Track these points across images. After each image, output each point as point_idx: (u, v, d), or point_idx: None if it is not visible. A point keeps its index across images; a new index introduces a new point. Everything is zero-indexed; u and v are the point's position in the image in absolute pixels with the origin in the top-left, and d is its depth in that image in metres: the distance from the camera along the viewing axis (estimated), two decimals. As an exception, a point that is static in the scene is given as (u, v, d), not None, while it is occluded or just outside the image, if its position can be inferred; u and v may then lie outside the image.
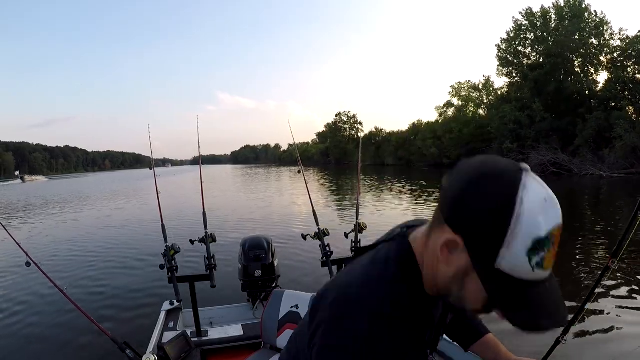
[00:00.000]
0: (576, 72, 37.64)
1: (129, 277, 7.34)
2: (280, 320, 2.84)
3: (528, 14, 41.21)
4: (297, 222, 12.53)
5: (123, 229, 13.07)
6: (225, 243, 8.06)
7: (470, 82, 56.42)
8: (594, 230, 9.81)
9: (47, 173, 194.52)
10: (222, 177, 54.09)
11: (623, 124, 27.24)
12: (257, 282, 3.75)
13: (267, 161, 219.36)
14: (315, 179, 38.30)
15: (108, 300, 6.17)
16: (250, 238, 3.91)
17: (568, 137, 32.39)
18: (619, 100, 31.81)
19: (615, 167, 26.38)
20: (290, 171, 61.04)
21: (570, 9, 37.73)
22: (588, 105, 34.30)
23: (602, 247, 8.15)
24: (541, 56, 39.64)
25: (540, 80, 37.63)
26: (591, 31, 36.61)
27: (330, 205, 16.91)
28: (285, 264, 6.83)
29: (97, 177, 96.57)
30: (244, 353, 3.02)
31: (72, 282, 7.11)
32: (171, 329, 3.31)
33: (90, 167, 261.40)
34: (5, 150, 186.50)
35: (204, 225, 3.71)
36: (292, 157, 78.48)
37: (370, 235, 2.40)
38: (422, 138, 56.05)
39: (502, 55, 43.59)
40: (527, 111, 36.51)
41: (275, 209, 16.68)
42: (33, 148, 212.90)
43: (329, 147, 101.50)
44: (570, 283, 6.03)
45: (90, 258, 9.04)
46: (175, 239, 3.47)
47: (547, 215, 0.67)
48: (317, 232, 3.83)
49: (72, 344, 4.64)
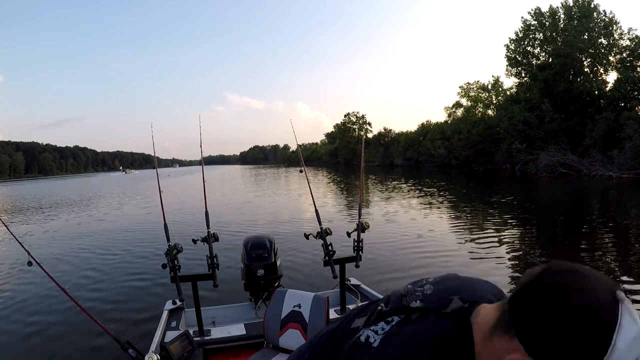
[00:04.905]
0: (585, 72, 37.33)
1: (132, 276, 7.35)
2: (282, 320, 2.85)
3: (537, 14, 40.95)
4: (299, 221, 12.54)
5: (125, 228, 13.11)
6: (228, 242, 8.08)
7: (479, 82, 56.16)
8: (603, 236, 9.72)
9: (57, 173, 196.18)
10: (230, 177, 54.24)
11: (633, 124, 26.91)
12: (260, 282, 3.75)
13: (276, 161, 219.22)
14: (322, 179, 38.33)
15: (110, 299, 6.18)
16: (252, 237, 3.91)
17: (577, 138, 32.12)
18: (628, 100, 31.48)
19: (624, 168, 26.09)
20: (298, 172, 61.02)
21: (579, 9, 37.42)
22: (597, 106, 33.98)
23: (612, 255, 8.05)
24: (550, 56, 39.35)
25: (549, 80, 37.35)
26: (600, 31, 36.28)
27: (334, 205, 16.91)
28: (288, 263, 6.86)
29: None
30: (247, 352, 3.02)
31: (75, 281, 7.13)
32: (173, 328, 3.32)
33: (100, 167, 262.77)
34: (16, 150, 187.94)
35: (206, 224, 3.71)
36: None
37: (371, 235, 2.40)
38: (430, 139, 55.83)
39: (511, 56, 43.32)
40: (536, 111, 36.25)
41: (278, 209, 16.71)
42: (43, 148, 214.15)
43: (337, 148, 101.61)
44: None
45: (93, 257, 9.08)
46: (177, 238, 3.47)
47: (632, 352, 0.63)
48: (320, 232, 3.83)
49: (74, 343, 4.65)
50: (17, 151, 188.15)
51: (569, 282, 0.68)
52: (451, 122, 56.37)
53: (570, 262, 0.72)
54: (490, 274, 6.37)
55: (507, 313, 0.73)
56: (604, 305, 0.64)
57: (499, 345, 0.73)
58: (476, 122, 48.37)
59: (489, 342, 0.76)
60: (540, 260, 7.46)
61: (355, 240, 3.77)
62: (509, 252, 7.97)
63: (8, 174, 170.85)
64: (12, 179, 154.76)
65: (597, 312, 0.63)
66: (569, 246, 8.60)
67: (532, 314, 0.68)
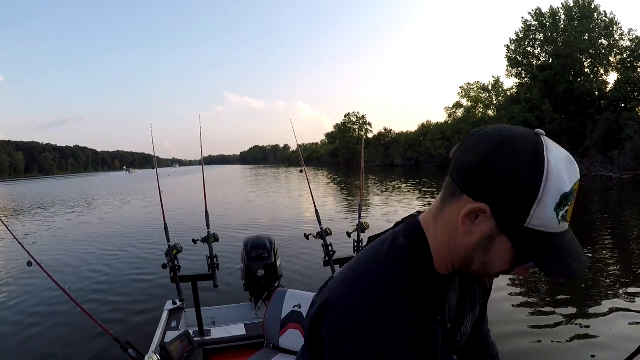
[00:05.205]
0: (586, 73, 37.29)
1: (132, 276, 7.35)
2: (282, 320, 2.85)
3: (537, 14, 40.93)
4: (300, 221, 12.53)
5: (126, 228, 13.15)
6: (228, 243, 8.09)
7: (480, 82, 56.30)
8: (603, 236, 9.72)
9: (57, 173, 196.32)
10: (231, 177, 54.28)
11: (633, 125, 26.89)
12: (260, 282, 3.75)
13: (276, 161, 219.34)
14: (322, 180, 38.32)
15: (110, 299, 6.17)
16: (252, 238, 3.91)
17: (577, 138, 32.08)
18: (629, 101, 31.44)
19: (625, 169, 26.09)
20: (298, 172, 61.05)
21: (580, 9, 37.41)
22: (598, 106, 33.93)
23: (612, 256, 8.05)
24: (550, 57, 39.30)
25: (549, 81, 37.31)
26: (601, 31, 36.27)
27: (334, 205, 16.92)
28: (288, 263, 6.85)
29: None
30: (247, 352, 3.02)
31: (75, 281, 7.13)
32: (174, 329, 3.31)
33: (100, 167, 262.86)
34: (16, 149, 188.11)
35: (206, 224, 3.71)
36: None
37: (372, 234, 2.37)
38: (431, 139, 55.90)
39: (512, 56, 43.29)
40: (537, 112, 36.21)
41: (278, 209, 16.71)
42: (43, 148, 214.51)
43: (338, 148, 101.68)
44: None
45: (93, 257, 9.08)
46: (177, 238, 3.47)
47: (569, 172, 0.71)
48: (320, 232, 3.83)
49: (74, 343, 4.65)
50: (17, 151, 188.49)
51: (490, 130, 0.76)
52: (451, 122, 56.47)
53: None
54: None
55: (449, 183, 0.79)
56: (528, 134, 0.73)
57: (450, 212, 0.79)
58: (476, 122, 48.33)
59: (438, 222, 0.83)
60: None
61: (356, 240, 3.76)
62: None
63: (8, 173, 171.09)
64: (12, 178, 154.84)
65: (524, 139, 0.71)
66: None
67: (472, 165, 0.74)
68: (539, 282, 6.21)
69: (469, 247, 0.79)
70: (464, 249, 0.80)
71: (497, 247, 0.76)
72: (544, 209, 0.69)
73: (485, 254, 0.78)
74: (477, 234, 0.76)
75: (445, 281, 0.87)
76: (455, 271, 0.86)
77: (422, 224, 0.87)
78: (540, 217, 0.70)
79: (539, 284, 6.16)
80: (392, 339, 0.76)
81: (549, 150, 0.70)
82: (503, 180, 0.70)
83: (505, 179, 0.70)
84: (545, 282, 6.16)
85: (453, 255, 0.82)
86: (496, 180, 0.70)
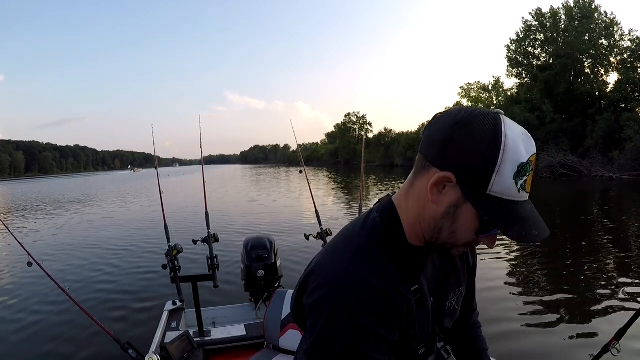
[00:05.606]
0: (586, 73, 37.32)
1: (132, 276, 7.34)
2: (283, 320, 2.84)
3: (537, 14, 40.94)
4: (300, 221, 12.52)
5: (126, 228, 13.14)
6: (228, 243, 8.08)
7: (480, 82, 56.24)
8: (603, 237, 9.72)
9: (57, 172, 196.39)
10: (231, 177, 54.26)
11: (633, 125, 26.87)
12: (260, 282, 3.74)
13: (276, 161, 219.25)
14: (322, 179, 38.29)
15: (110, 300, 6.16)
16: (252, 238, 3.90)
17: (578, 139, 32.07)
18: (629, 101, 31.52)
19: (625, 169, 26.07)
20: (298, 172, 61.06)
21: (580, 10, 37.42)
22: (598, 107, 33.94)
23: (612, 255, 8.05)
24: (551, 57, 39.35)
25: (550, 81, 37.35)
26: (601, 32, 36.29)
27: (334, 205, 16.90)
28: (288, 264, 6.83)
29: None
30: (247, 353, 3.02)
31: (75, 282, 7.13)
32: (174, 329, 3.31)
33: (100, 167, 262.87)
34: (16, 149, 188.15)
35: (206, 225, 3.71)
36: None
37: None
38: (431, 139, 55.80)
39: (512, 56, 43.34)
40: (537, 112, 36.22)
41: (278, 209, 16.70)
42: (43, 147, 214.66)
43: (338, 148, 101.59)
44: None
45: (93, 257, 9.06)
46: (177, 238, 3.47)
47: (526, 145, 0.78)
48: (320, 232, 3.83)
49: (74, 343, 4.65)
50: (18, 150, 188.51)
51: (455, 109, 0.84)
52: (452, 122, 56.33)
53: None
54: (486, 275, 6.38)
55: (419, 159, 0.88)
56: (488, 112, 0.79)
57: (420, 184, 0.87)
58: (477, 122, 48.22)
59: (409, 195, 0.91)
60: (539, 260, 7.47)
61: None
62: (508, 251, 7.97)
63: (8, 173, 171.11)
64: (12, 178, 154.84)
65: (483, 116, 0.78)
66: (569, 247, 8.60)
67: (439, 138, 0.81)
68: (538, 281, 6.22)
69: (438, 216, 0.85)
70: (433, 218, 0.86)
71: (463, 214, 0.82)
72: (503, 176, 0.76)
73: (452, 222, 0.84)
74: (445, 203, 0.83)
75: (419, 253, 0.94)
76: (428, 244, 0.91)
77: (394, 201, 0.96)
78: (500, 184, 0.77)
79: (538, 283, 6.16)
80: (359, 305, 0.83)
81: (506, 125, 0.77)
82: (466, 150, 0.77)
83: (467, 149, 0.77)
84: (545, 282, 6.17)
85: (423, 225, 0.89)
86: (460, 150, 0.78)
